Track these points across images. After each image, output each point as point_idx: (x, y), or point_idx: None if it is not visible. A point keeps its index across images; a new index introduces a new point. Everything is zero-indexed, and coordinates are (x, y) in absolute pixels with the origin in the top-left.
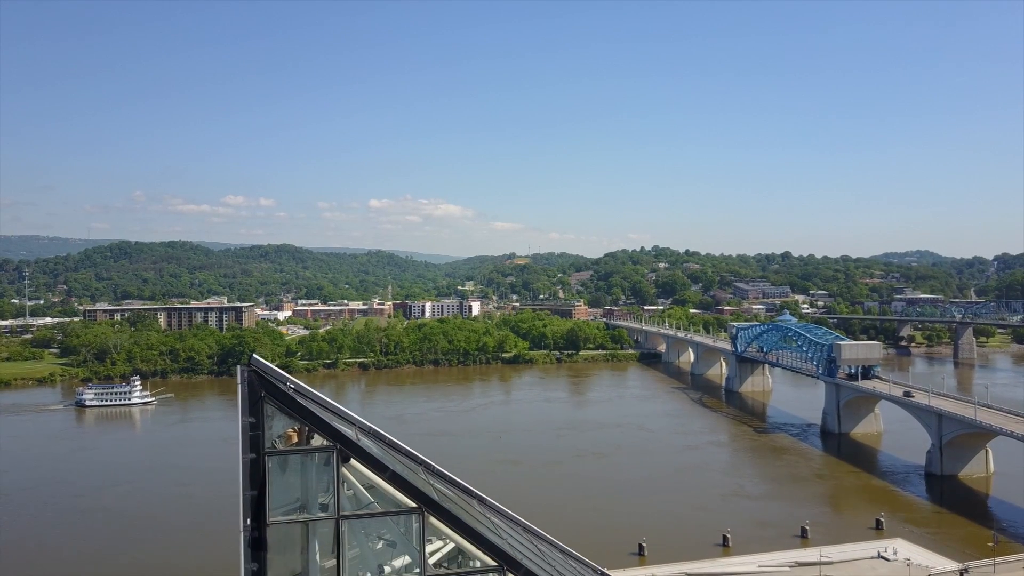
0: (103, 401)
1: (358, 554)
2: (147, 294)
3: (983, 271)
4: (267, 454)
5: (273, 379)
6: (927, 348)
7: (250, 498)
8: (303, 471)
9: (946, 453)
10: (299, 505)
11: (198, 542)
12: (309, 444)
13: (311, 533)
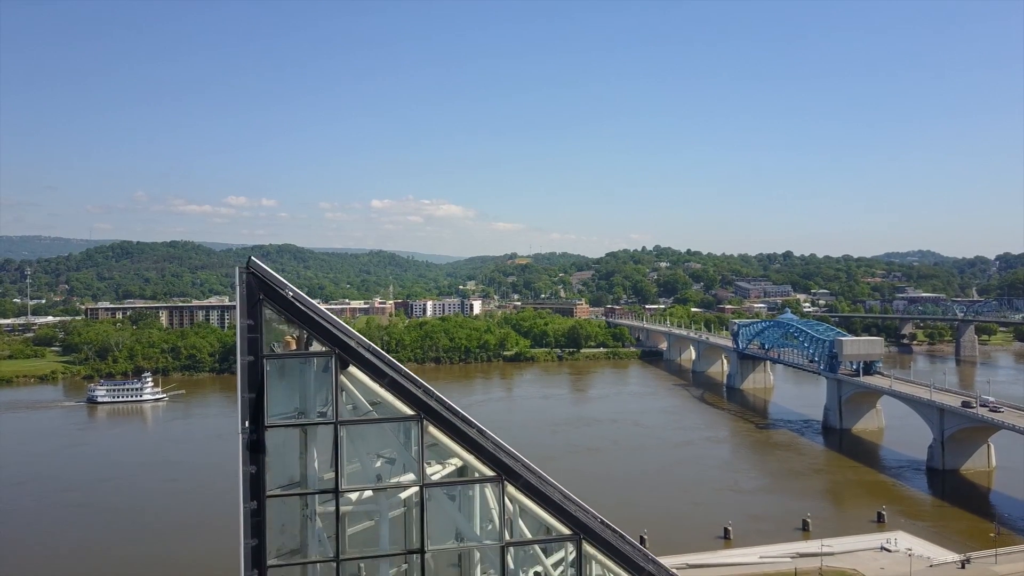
0: (115, 397)
1: (358, 468)
2: (149, 293)
3: (985, 271)
4: (265, 357)
5: (272, 283)
6: (929, 346)
7: (248, 400)
8: (302, 377)
9: (948, 448)
10: (297, 411)
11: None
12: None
13: (309, 439)
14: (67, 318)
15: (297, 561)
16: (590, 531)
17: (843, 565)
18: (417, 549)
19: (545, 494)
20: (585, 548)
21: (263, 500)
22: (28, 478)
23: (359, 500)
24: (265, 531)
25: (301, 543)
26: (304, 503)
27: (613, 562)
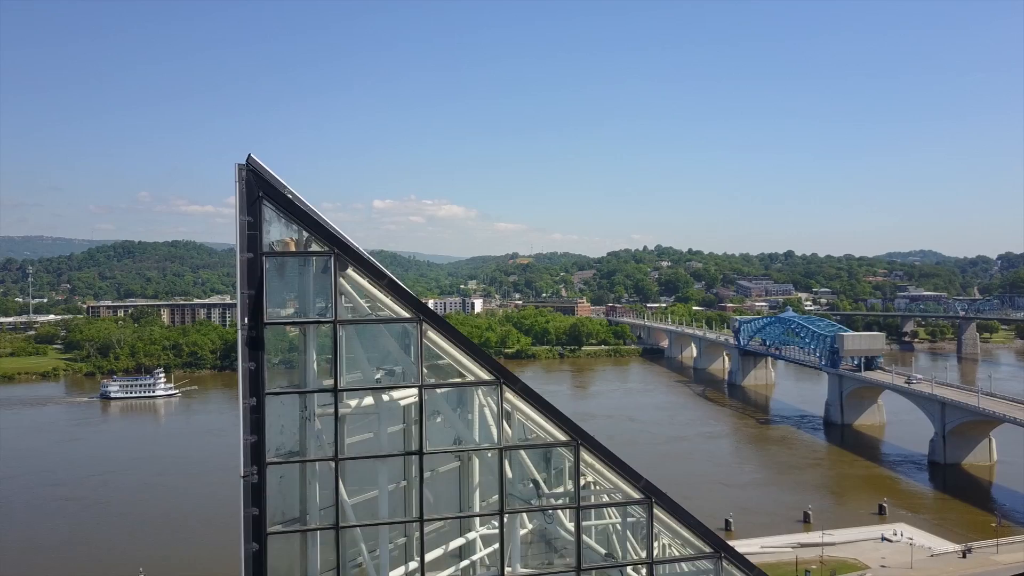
0: (128, 393)
1: (358, 376)
2: (150, 292)
3: (987, 270)
4: (264, 255)
5: (272, 182)
6: (930, 344)
7: (248, 297)
8: (301, 278)
9: (949, 442)
10: (296, 311)
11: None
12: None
13: (308, 340)
14: (69, 316)
15: (296, 459)
16: (587, 437)
17: (844, 555)
18: (416, 451)
19: (541, 398)
20: (583, 454)
21: (262, 397)
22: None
23: (358, 406)
24: (264, 429)
25: (300, 444)
26: (303, 403)
27: (609, 469)
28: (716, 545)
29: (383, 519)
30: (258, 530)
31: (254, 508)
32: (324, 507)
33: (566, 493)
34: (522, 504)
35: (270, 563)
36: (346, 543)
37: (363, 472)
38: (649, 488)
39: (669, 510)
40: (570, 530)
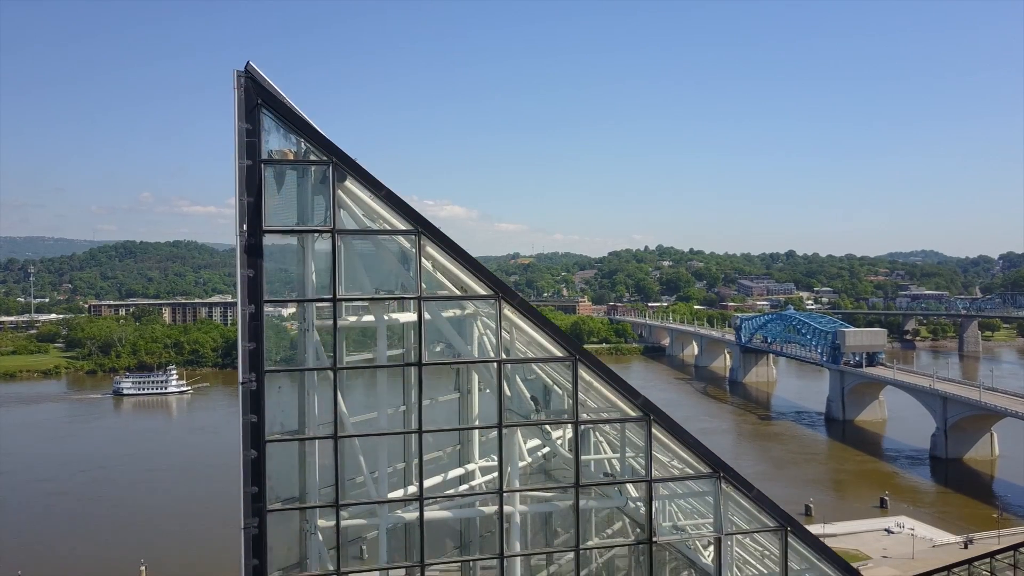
0: (140, 389)
1: (357, 293)
2: (152, 292)
3: (988, 269)
4: (263, 162)
5: (270, 89)
6: (932, 342)
7: (247, 204)
8: (299, 189)
9: (951, 436)
10: (295, 221)
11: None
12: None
13: (307, 251)
14: (70, 315)
15: (294, 367)
16: (585, 353)
17: (846, 546)
18: (415, 362)
19: (539, 314)
20: (580, 371)
21: (260, 305)
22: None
23: (357, 322)
24: (262, 336)
25: (298, 354)
26: (302, 312)
27: (607, 387)
28: (715, 464)
29: (382, 430)
30: (256, 438)
31: (253, 415)
32: (323, 422)
33: (564, 411)
34: (520, 419)
35: (269, 471)
36: (344, 454)
37: (362, 387)
38: (647, 406)
39: (668, 429)
40: (569, 449)
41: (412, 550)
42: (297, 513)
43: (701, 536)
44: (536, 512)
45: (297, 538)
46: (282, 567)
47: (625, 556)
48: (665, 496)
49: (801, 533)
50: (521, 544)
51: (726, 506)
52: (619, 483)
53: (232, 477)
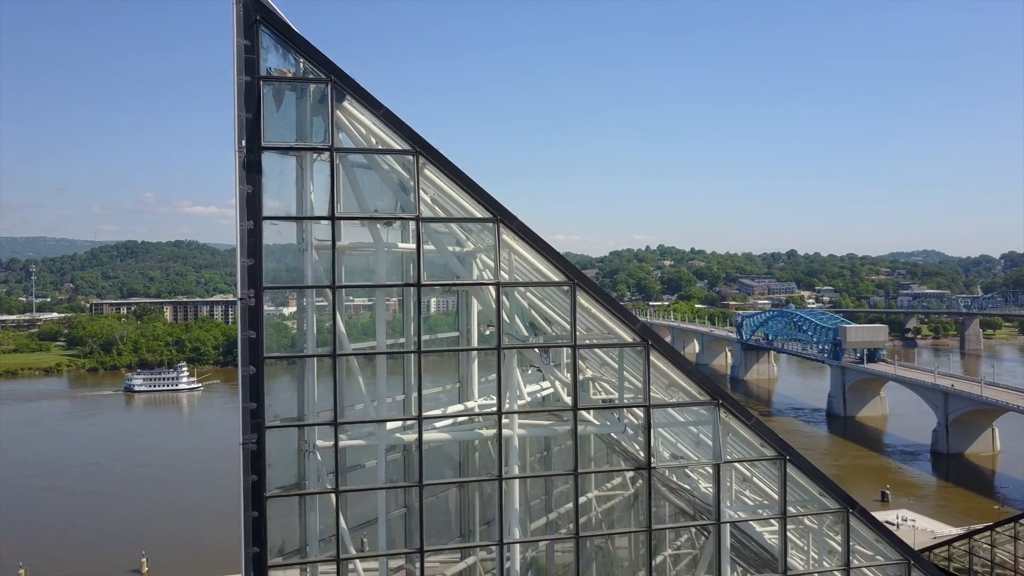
0: (151, 386)
1: (356, 211)
2: (153, 292)
3: (990, 269)
4: (261, 79)
5: (268, 7)
6: (933, 340)
7: (245, 121)
8: (298, 109)
9: (952, 431)
10: (293, 140)
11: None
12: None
13: (306, 172)
14: (71, 314)
15: (293, 285)
16: (584, 278)
17: None
18: (414, 282)
19: (538, 237)
20: (579, 296)
21: (259, 221)
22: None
23: (356, 243)
24: (261, 254)
25: (298, 273)
26: (301, 230)
27: (606, 312)
28: (713, 392)
29: (381, 347)
30: (255, 355)
31: (251, 331)
32: (322, 339)
33: (563, 335)
34: (518, 341)
35: (268, 387)
36: (343, 372)
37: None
38: (645, 332)
39: (666, 355)
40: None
41: (411, 472)
42: (296, 431)
43: (699, 464)
44: (534, 437)
45: (296, 458)
46: (280, 485)
47: (624, 505)
48: (664, 424)
49: (799, 462)
50: (520, 467)
51: (724, 434)
52: (617, 407)
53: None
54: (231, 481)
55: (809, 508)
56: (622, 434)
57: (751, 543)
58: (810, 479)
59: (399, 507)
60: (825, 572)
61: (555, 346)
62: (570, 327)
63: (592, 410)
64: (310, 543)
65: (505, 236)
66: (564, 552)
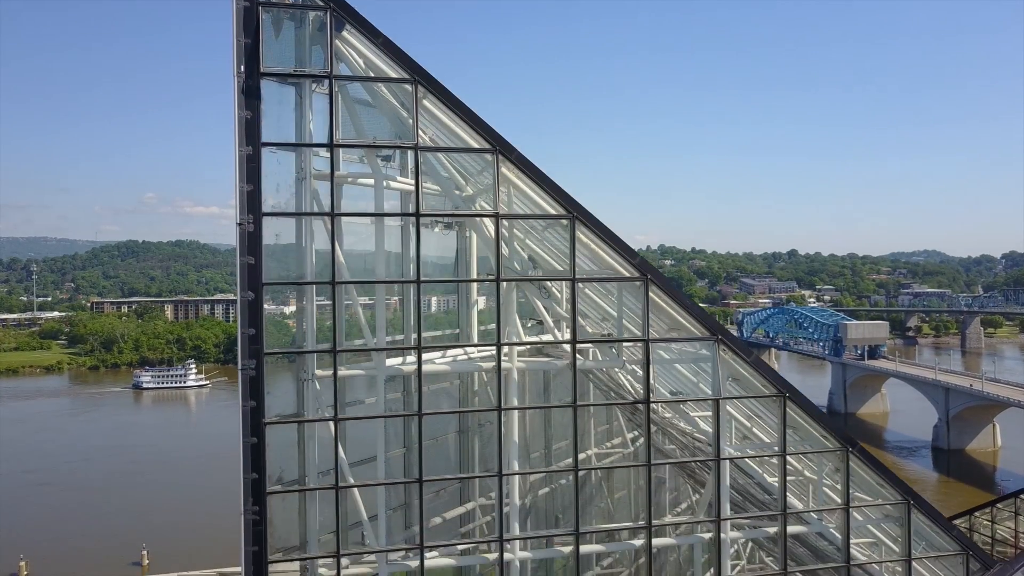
0: (159, 383)
1: (354, 138)
2: (154, 291)
3: (991, 268)
4: (260, 5)
5: None
6: (934, 338)
7: (244, 46)
8: (296, 39)
9: (953, 427)
10: (292, 67)
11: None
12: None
13: (304, 101)
14: (72, 313)
15: (292, 213)
16: (584, 212)
17: None
18: (412, 212)
19: (538, 169)
20: (579, 229)
21: (258, 147)
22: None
23: (355, 172)
24: (260, 180)
25: (297, 203)
26: (300, 159)
27: (605, 247)
28: (713, 328)
29: (380, 277)
30: (254, 280)
31: (250, 256)
32: (321, 269)
33: (562, 271)
34: (517, 274)
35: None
36: (341, 297)
37: (361, 234)
38: (644, 266)
39: (665, 291)
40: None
41: (410, 402)
42: (295, 359)
43: (698, 399)
44: (534, 373)
45: (295, 387)
46: (279, 413)
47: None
48: (663, 361)
49: (800, 400)
50: (519, 399)
51: (724, 371)
52: (615, 341)
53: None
54: (236, 475)
55: (809, 448)
56: (621, 370)
57: (752, 484)
58: (810, 418)
59: (399, 448)
60: (826, 511)
61: (554, 279)
62: (569, 261)
63: (591, 344)
64: (309, 475)
65: (504, 170)
66: (565, 489)
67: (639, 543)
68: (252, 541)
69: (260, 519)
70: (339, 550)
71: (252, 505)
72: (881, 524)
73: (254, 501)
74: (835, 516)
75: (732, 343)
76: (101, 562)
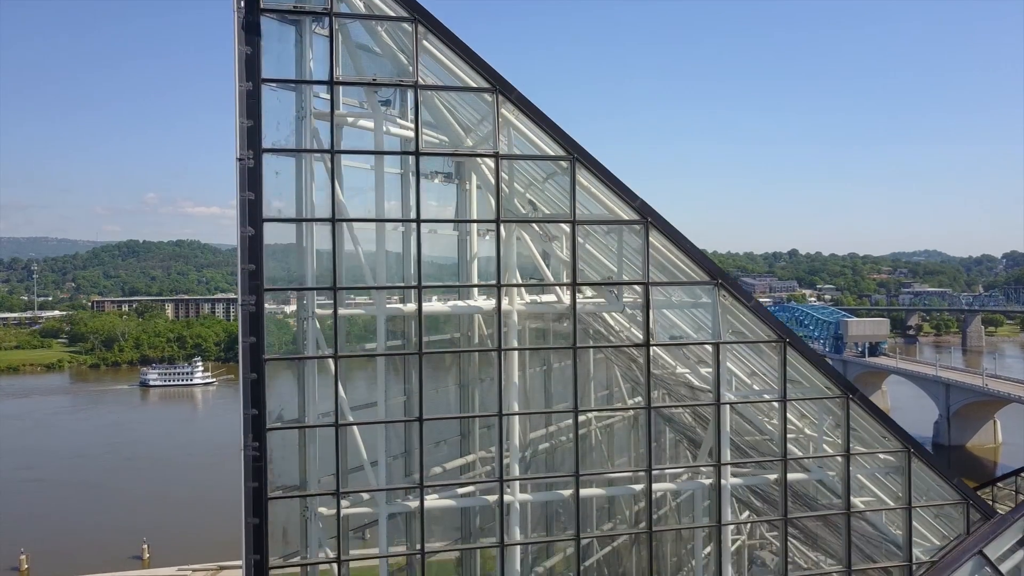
0: (166, 381)
1: (352, 74)
2: (155, 291)
3: (992, 268)
4: None
5: None
6: (935, 337)
7: None
8: None
9: (953, 423)
10: (292, 3)
11: None
12: None
13: (304, 35)
14: (73, 312)
15: (291, 148)
16: (584, 153)
17: None
18: (412, 151)
19: (538, 110)
20: (578, 171)
21: (258, 84)
22: None
23: (354, 112)
24: (260, 115)
25: (296, 141)
26: (299, 99)
27: (606, 188)
28: (713, 272)
29: (380, 216)
30: (254, 215)
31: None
32: (320, 206)
33: (562, 214)
34: (517, 216)
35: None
36: (341, 239)
37: (360, 177)
38: (644, 209)
39: (666, 234)
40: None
41: (408, 336)
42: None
43: (697, 343)
44: (532, 312)
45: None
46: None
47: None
48: (663, 306)
49: (800, 346)
50: (519, 340)
51: (724, 316)
52: (614, 284)
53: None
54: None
55: (809, 394)
56: (621, 315)
57: (752, 431)
58: (811, 364)
59: (400, 396)
60: (826, 457)
61: (554, 221)
62: (569, 203)
63: (591, 300)
64: (309, 415)
65: (504, 111)
66: (565, 446)
67: (639, 487)
68: (252, 477)
69: (260, 455)
70: (338, 488)
71: (252, 441)
72: (880, 477)
73: (254, 437)
74: (835, 466)
75: (732, 288)
76: (102, 555)
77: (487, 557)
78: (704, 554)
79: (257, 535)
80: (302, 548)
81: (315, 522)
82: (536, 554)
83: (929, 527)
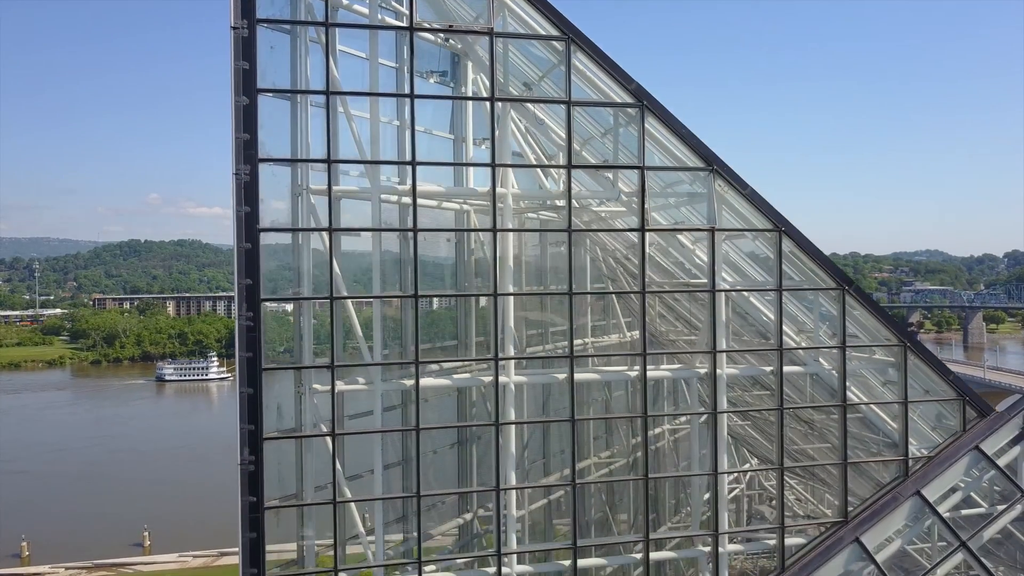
0: (182, 376)
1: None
2: (156, 289)
3: (993, 267)
4: None
5: None
6: (936, 334)
7: None
8: None
9: None
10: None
11: None
12: None
13: None
14: (75, 309)
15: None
16: (579, 35)
17: None
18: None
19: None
20: (575, 55)
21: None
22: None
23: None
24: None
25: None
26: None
27: (602, 72)
28: (709, 158)
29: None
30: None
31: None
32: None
33: (557, 96)
34: (511, 95)
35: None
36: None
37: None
38: (641, 92)
39: (662, 119)
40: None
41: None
42: None
43: (692, 228)
44: (527, 198)
45: None
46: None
47: None
48: (659, 194)
49: (796, 236)
50: (514, 223)
51: (719, 203)
52: (609, 168)
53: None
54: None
55: (805, 284)
56: (615, 201)
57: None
58: (806, 254)
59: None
60: (822, 349)
61: (549, 101)
62: (565, 84)
63: (585, 169)
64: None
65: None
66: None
67: (634, 374)
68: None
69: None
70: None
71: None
72: (876, 372)
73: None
74: (832, 361)
75: (727, 174)
76: (103, 543)
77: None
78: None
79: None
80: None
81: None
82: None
83: (926, 432)
